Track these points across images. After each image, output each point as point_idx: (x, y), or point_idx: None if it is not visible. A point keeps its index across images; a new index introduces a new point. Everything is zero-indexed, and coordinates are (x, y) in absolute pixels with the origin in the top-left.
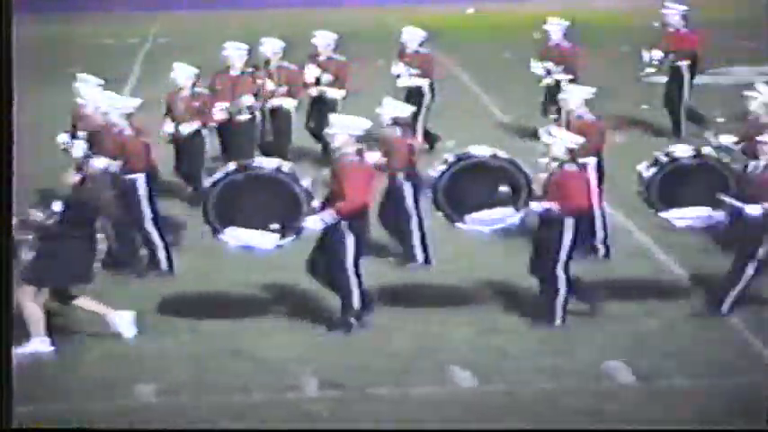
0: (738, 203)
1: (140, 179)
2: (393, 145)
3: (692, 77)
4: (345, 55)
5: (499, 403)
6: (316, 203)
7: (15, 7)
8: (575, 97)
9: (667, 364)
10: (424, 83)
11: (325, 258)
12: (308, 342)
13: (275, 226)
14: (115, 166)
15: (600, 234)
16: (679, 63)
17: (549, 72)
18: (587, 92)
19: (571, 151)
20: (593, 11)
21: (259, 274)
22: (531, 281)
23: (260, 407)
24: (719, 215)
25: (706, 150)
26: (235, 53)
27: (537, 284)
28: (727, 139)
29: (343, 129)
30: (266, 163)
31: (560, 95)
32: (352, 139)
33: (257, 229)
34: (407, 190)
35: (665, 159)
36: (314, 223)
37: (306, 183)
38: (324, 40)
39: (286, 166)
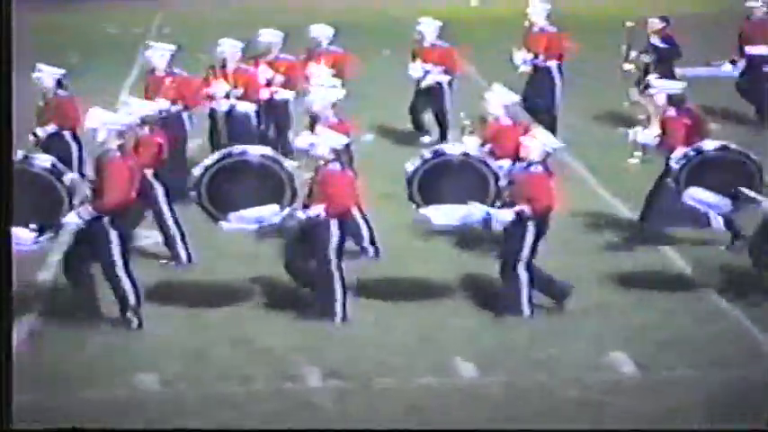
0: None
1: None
2: None
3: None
4: (347, 45)
5: (499, 394)
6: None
7: None
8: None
9: (668, 354)
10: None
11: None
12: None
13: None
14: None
15: (365, 234)
16: (548, 63)
17: (427, 72)
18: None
19: (335, 151)
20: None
21: (256, 264)
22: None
23: (261, 396)
24: (477, 216)
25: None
26: (156, 53)
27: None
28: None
29: (101, 124)
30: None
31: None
32: (113, 134)
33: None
34: None
35: (428, 155)
36: (71, 218)
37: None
38: (273, 37)
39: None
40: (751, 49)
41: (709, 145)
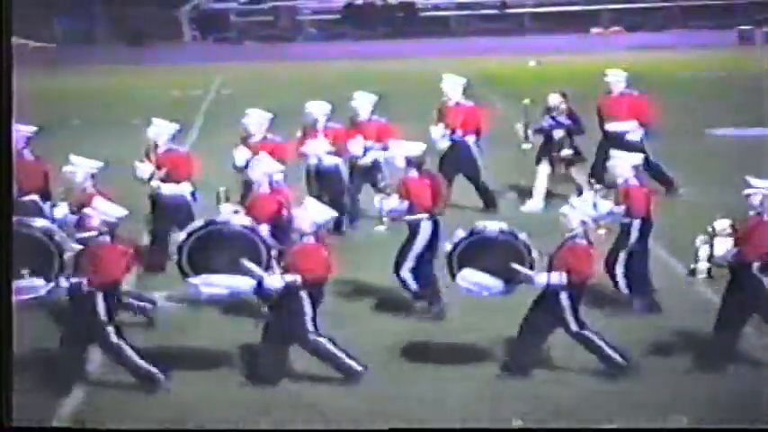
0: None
1: None
2: None
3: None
4: (402, 108)
5: None
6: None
7: (89, 62)
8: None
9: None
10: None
11: None
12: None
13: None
14: None
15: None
16: (465, 138)
17: (366, 150)
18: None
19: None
20: (656, 62)
21: None
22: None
23: None
24: (244, 285)
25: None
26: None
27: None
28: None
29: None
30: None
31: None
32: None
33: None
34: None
35: (199, 224)
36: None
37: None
38: (259, 118)
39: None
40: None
41: (479, 225)
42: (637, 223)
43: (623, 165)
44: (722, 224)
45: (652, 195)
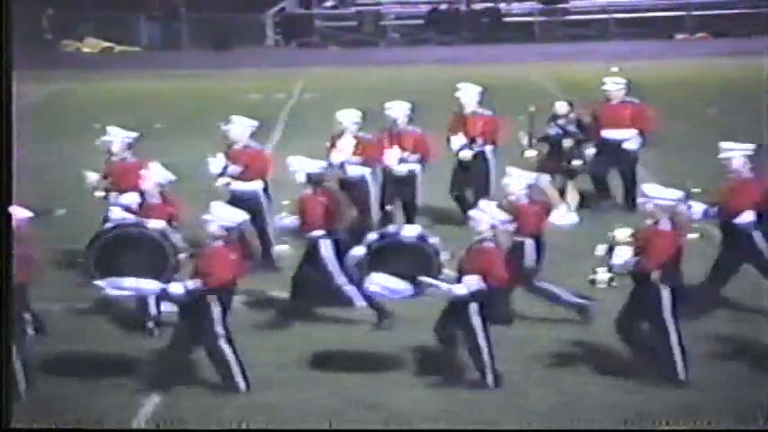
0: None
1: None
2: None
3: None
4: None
5: None
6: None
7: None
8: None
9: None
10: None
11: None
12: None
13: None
14: None
15: None
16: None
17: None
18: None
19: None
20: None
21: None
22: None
23: None
24: (151, 287)
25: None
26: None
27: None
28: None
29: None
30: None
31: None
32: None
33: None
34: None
35: (108, 227)
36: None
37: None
38: (242, 126)
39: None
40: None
41: (391, 229)
42: (530, 243)
43: (515, 182)
44: (623, 233)
45: (544, 213)
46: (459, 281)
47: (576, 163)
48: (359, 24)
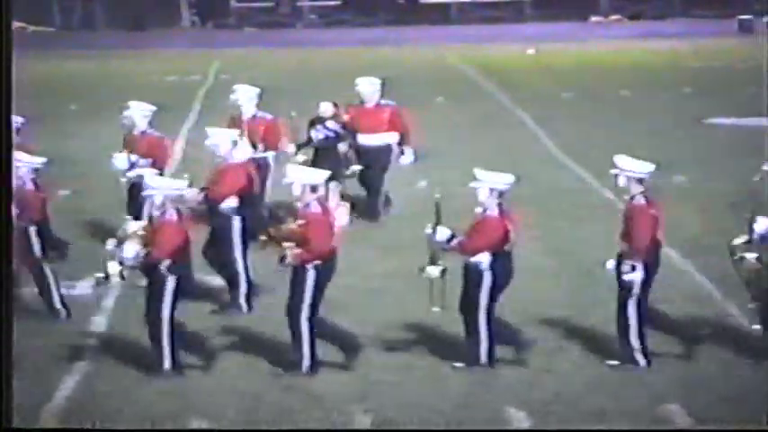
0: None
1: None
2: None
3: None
4: (401, 94)
5: None
6: None
7: (88, 47)
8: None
9: (724, 407)
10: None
11: None
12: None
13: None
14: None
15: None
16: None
17: (133, 165)
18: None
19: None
20: (655, 51)
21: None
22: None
23: None
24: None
25: None
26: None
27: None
28: None
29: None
30: None
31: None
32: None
33: None
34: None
35: None
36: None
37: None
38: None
39: None
40: None
41: None
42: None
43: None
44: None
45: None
46: None
47: (356, 168)
48: (276, 5)
